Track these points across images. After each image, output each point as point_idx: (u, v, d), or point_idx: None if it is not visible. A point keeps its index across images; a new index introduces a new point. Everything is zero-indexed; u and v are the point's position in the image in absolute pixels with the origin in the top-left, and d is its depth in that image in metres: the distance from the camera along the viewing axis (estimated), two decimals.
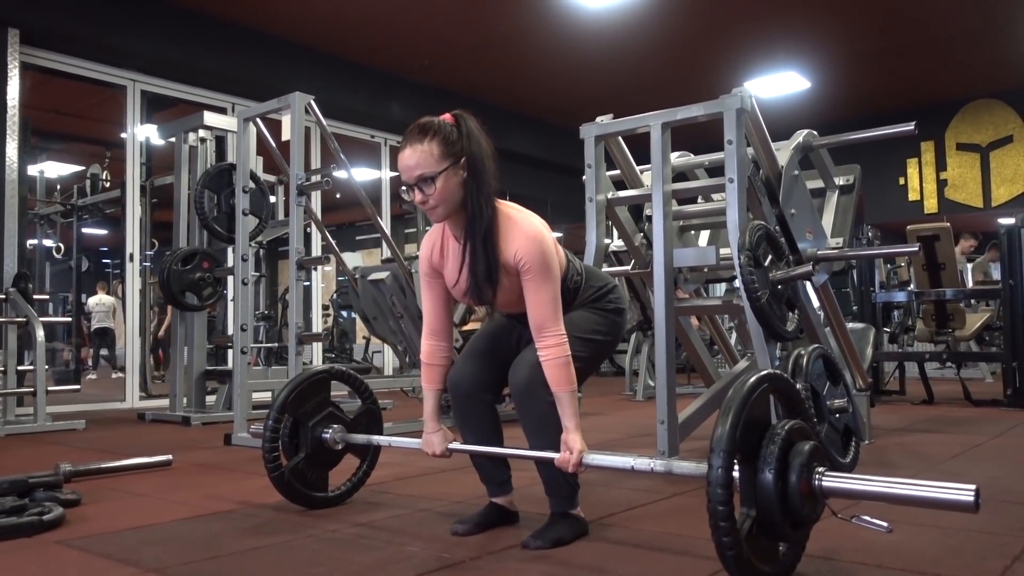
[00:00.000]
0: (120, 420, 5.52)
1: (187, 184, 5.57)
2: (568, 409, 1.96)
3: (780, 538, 1.58)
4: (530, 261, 1.96)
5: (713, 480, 1.47)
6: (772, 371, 1.66)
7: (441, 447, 2.19)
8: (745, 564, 1.49)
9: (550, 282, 1.98)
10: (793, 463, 1.54)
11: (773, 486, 1.51)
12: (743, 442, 1.51)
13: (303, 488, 2.47)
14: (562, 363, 1.96)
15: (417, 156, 1.95)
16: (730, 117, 2.88)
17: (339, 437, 2.50)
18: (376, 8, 6.60)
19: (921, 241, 5.54)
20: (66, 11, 5.96)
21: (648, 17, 6.86)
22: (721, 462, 1.47)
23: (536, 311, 1.98)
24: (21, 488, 2.54)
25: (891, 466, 3.14)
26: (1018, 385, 5.25)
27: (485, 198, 1.98)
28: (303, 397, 2.50)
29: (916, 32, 7.43)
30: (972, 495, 1.41)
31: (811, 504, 1.55)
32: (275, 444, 2.44)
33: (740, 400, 1.53)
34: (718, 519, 1.47)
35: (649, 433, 3.28)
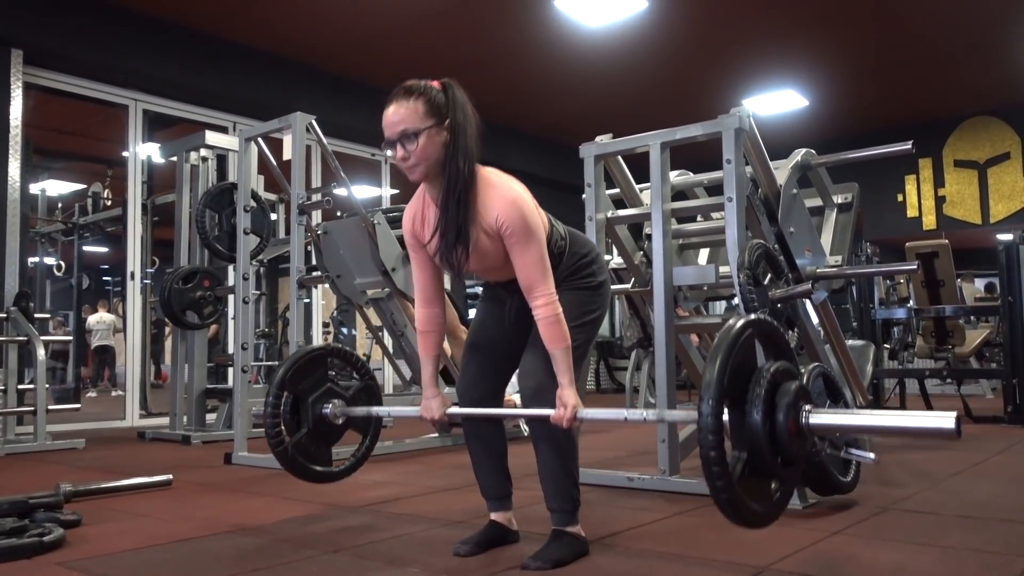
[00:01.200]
0: (120, 439, 5.51)
1: (188, 203, 5.59)
2: (562, 365, 1.98)
3: (771, 477, 1.60)
4: (512, 224, 1.98)
5: (703, 426, 1.50)
6: (756, 316, 1.69)
7: (440, 411, 2.21)
8: (739, 505, 1.52)
9: (534, 243, 2.00)
10: (780, 403, 1.58)
11: (762, 427, 1.55)
12: (731, 386, 1.53)
13: (307, 462, 2.47)
14: (553, 321, 1.98)
15: (401, 112, 1.97)
16: (729, 137, 2.90)
17: (339, 411, 2.50)
18: (377, 27, 6.65)
19: (920, 258, 5.56)
20: (69, 32, 6.01)
21: (647, 36, 6.91)
22: (710, 408, 1.50)
23: (524, 273, 2.00)
24: (21, 509, 2.54)
25: (892, 484, 3.13)
26: (1018, 402, 5.25)
27: (465, 161, 1.98)
28: (301, 374, 2.50)
29: (913, 50, 7.48)
30: (953, 422, 1.44)
31: (799, 441, 1.59)
32: (276, 419, 2.45)
33: (727, 346, 1.55)
34: (710, 463, 1.49)
35: (650, 451, 3.27)
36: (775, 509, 1.63)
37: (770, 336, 1.72)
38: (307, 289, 7.31)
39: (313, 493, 3.18)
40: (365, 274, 4.49)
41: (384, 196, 8.75)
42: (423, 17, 6.45)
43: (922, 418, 1.50)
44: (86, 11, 6.05)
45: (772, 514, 1.62)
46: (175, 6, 6.25)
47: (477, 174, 2.02)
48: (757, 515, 1.56)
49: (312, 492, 3.20)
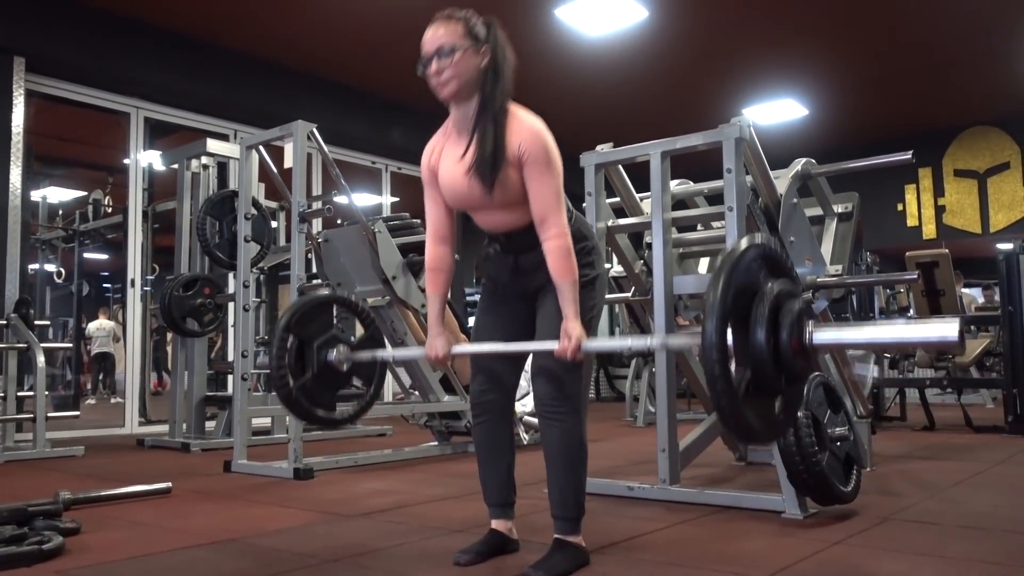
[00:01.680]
0: (119, 446, 5.50)
1: (189, 210, 5.59)
2: (569, 298, 1.99)
3: (776, 394, 1.61)
4: (533, 151, 2.01)
5: (708, 343, 1.50)
6: (757, 238, 1.69)
7: (444, 350, 2.21)
8: (743, 421, 1.52)
9: (552, 174, 2.03)
10: (783, 321, 1.58)
11: (765, 344, 1.55)
12: (734, 306, 1.54)
13: (311, 406, 2.47)
14: (564, 254, 1.99)
15: (440, 30, 2.06)
16: (729, 146, 2.91)
17: (344, 357, 2.50)
18: (378, 36, 6.66)
19: (920, 267, 5.56)
20: (71, 40, 6.03)
21: (647, 45, 6.93)
22: (714, 325, 1.50)
23: (538, 202, 2.01)
24: (20, 516, 2.53)
25: (893, 494, 3.13)
26: (1019, 411, 5.24)
27: (501, 89, 2.05)
28: (306, 319, 2.50)
29: (913, 60, 7.50)
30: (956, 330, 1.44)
31: (803, 358, 1.59)
32: (282, 363, 2.45)
33: (729, 266, 1.56)
34: (715, 379, 1.50)
35: (650, 460, 3.27)
36: (778, 428, 1.64)
37: (772, 258, 1.73)
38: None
39: (312, 501, 3.17)
40: (365, 282, 4.49)
41: (385, 204, 8.76)
42: (425, 26, 6.47)
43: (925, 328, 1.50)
44: (88, 19, 6.07)
45: (775, 432, 1.63)
46: (177, 15, 6.27)
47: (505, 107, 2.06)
48: (760, 432, 1.57)
49: (311, 500, 3.20)
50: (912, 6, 6.34)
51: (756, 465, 3.91)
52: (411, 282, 4.50)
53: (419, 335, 4.72)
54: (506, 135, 2.03)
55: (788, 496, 2.70)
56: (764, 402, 1.59)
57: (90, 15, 6.08)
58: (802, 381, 1.66)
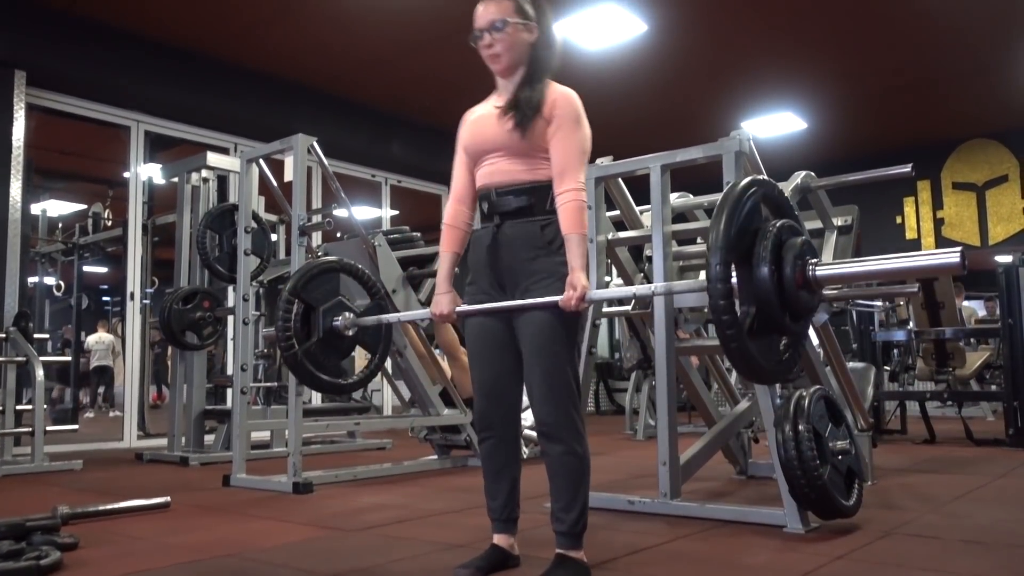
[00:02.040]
0: (118, 460, 5.48)
1: (189, 223, 5.60)
2: (576, 250, 2.02)
3: (781, 331, 1.60)
4: (565, 109, 2.11)
5: (712, 277, 1.50)
6: (757, 177, 1.69)
7: (449, 307, 2.24)
8: (749, 356, 1.51)
9: (579, 134, 2.11)
10: (786, 257, 1.58)
11: (769, 279, 1.55)
12: (738, 243, 1.53)
13: (315, 370, 2.46)
14: (575, 208, 2.03)
15: (492, 8, 2.17)
16: (729, 159, 2.92)
17: (350, 322, 2.50)
18: (378, 50, 6.69)
19: (920, 281, 5.56)
20: (72, 54, 6.05)
21: (647, 59, 6.96)
22: (718, 258, 1.50)
23: (560, 157, 2.08)
24: (18, 532, 2.52)
25: (895, 508, 3.11)
26: (1020, 424, 5.23)
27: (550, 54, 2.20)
28: (313, 284, 2.50)
29: (911, 73, 7.53)
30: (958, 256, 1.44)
31: (807, 293, 1.58)
32: (288, 326, 2.44)
33: (731, 202, 1.56)
34: (720, 313, 1.50)
35: (651, 474, 3.26)
36: (784, 367, 1.64)
37: (772, 198, 1.74)
38: None
39: (312, 516, 3.16)
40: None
41: (384, 217, 8.77)
42: (425, 41, 6.50)
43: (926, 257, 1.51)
44: (89, 33, 6.10)
45: (781, 371, 1.62)
46: (177, 28, 6.30)
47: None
48: (767, 370, 1.57)
49: (311, 515, 3.19)
50: (910, 20, 6.37)
51: (757, 479, 3.90)
52: (411, 295, 4.50)
53: (418, 347, 4.71)
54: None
55: (790, 510, 2.69)
56: (770, 340, 1.59)
57: (91, 29, 6.10)
58: (807, 317, 1.65)
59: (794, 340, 1.65)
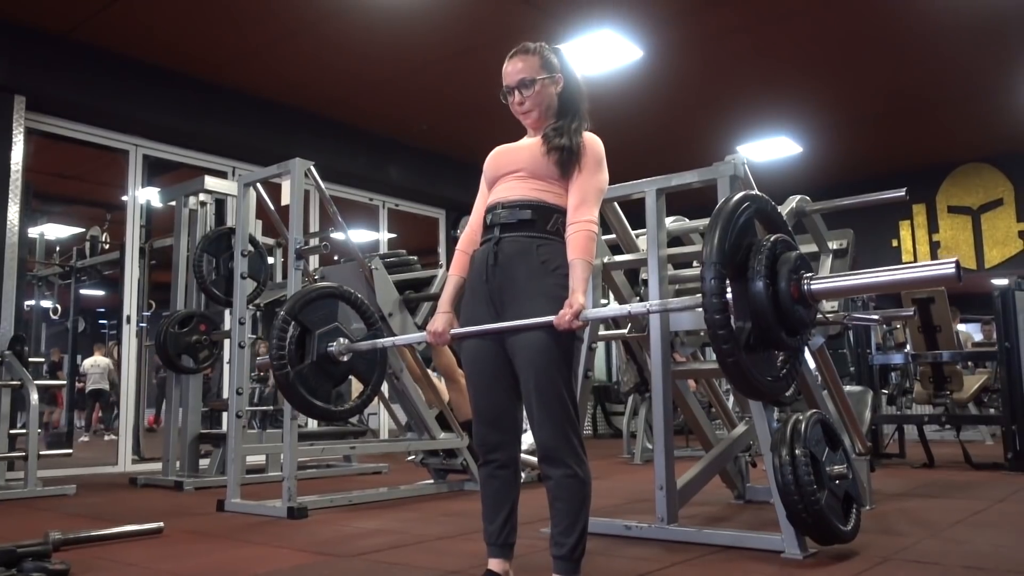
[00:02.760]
0: (112, 485, 5.44)
1: (186, 247, 5.60)
2: (579, 274, 2.06)
3: (777, 346, 1.58)
4: (590, 151, 2.20)
5: (707, 291, 1.49)
6: (751, 192, 1.69)
7: (444, 326, 2.25)
8: (746, 371, 1.50)
9: (598, 177, 2.19)
10: (781, 271, 1.57)
11: (765, 294, 1.54)
12: (732, 258, 1.52)
13: (306, 393, 2.44)
14: (586, 236, 2.08)
15: (519, 65, 2.27)
16: (724, 183, 2.93)
17: (345, 348, 2.48)
18: (376, 73, 6.74)
19: (917, 304, 5.57)
20: (71, 79, 6.08)
21: (642, 84, 7.01)
22: (712, 273, 1.49)
23: (579, 193, 2.15)
24: (9, 558, 2.50)
25: (893, 533, 3.09)
26: (1018, 448, 5.21)
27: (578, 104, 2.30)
28: (310, 308, 2.49)
29: (906, 98, 7.59)
30: (953, 267, 1.44)
31: (803, 307, 1.57)
32: (282, 347, 2.42)
33: (724, 217, 1.56)
34: (715, 328, 1.48)
35: (648, 498, 3.24)
36: (782, 383, 1.62)
37: (766, 212, 1.73)
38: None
39: (306, 542, 3.13)
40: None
41: (382, 240, 8.78)
42: (422, 64, 6.55)
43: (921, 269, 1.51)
44: (88, 58, 6.14)
45: (779, 387, 1.61)
46: (176, 53, 6.34)
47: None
48: (765, 386, 1.55)
49: (305, 540, 3.16)
50: (905, 45, 6.43)
51: (755, 503, 3.88)
52: (407, 319, 4.49)
53: (415, 370, 4.70)
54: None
55: (787, 535, 2.67)
56: (767, 355, 1.58)
57: (90, 54, 6.14)
58: (803, 332, 1.65)
59: (791, 355, 1.65)
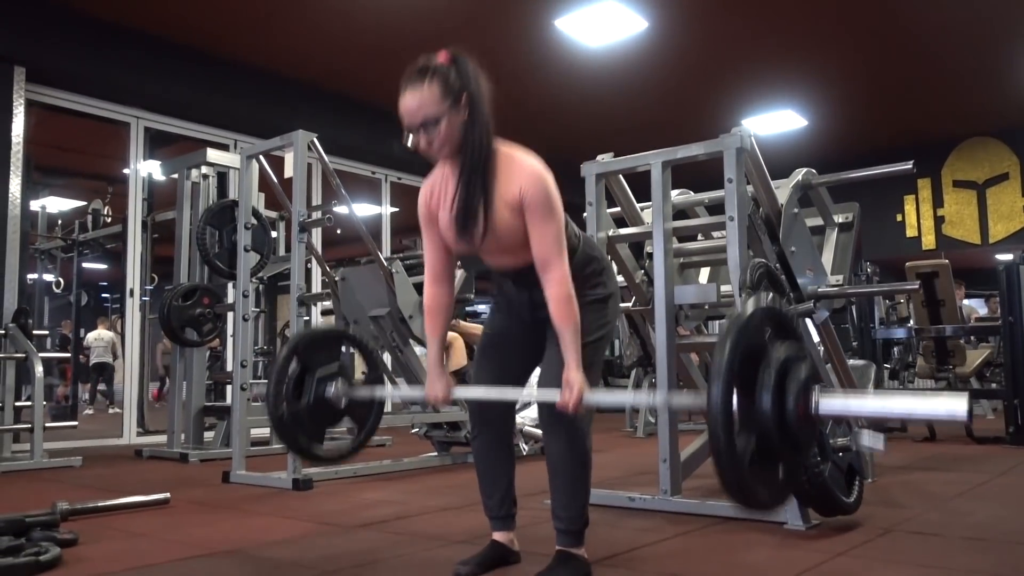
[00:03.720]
0: (117, 457, 5.48)
1: (189, 220, 5.59)
2: (571, 346, 1.95)
3: (780, 461, 1.58)
4: (534, 196, 1.96)
5: (713, 404, 1.47)
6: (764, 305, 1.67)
7: (444, 392, 2.17)
8: (747, 491, 1.49)
9: (555, 218, 1.98)
10: (789, 387, 1.54)
11: (771, 411, 1.52)
12: (741, 370, 1.51)
13: (299, 434, 2.44)
14: (565, 301, 1.95)
15: (419, 98, 1.94)
16: (730, 156, 2.91)
17: (343, 392, 2.48)
18: (379, 46, 6.68)
19: (920, 278, 5.56)
20: (71, 50, 6.04)
21: (647, 56, 6.94)
22: (720, 388, 1.47)
23: (540, 247, 1.97)
24: (18, 528, 2.52)
25: (896, 505, 3.11)
26: (1020, 422, 5.23)
27: (482, 133, 1.97)
28: (314, 347, 2.49)
29: (912, 71, 7.52)
30: (964, 406, 1.42)
31: (809, 427, 1.56)
32: (281, 384, 2.42)
33: (736, 329, 1.53)
34: (718, 443, 1.46)
35: (651, 471, 3.25)
36: (781, 495, 1.61)
37: (779, 320, 1.71)
38: (307, 307, 7.28)
39: (312, 512, 3.15)
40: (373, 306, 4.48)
41: (384, 214, 8.76)
42: (426, 36, 6.49)
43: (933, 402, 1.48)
44: (88, 29, 6.09)
45: (778, 500, 1.60)
46: (177, 25, 6.28)
47: (496, 147, 2.01)
48: (764, 501, 1.54)
49: (311, 511, 3.18)
50: (911, 18, 6.35)
51: None
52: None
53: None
54: (497, 181, 1.99)
55: (790, 507, 2.68)
56: (768, 469, 1.56)
57: (90, 25, 6.09)
58: (807, 449, 1.61)
59: (792, 470, 1.62)
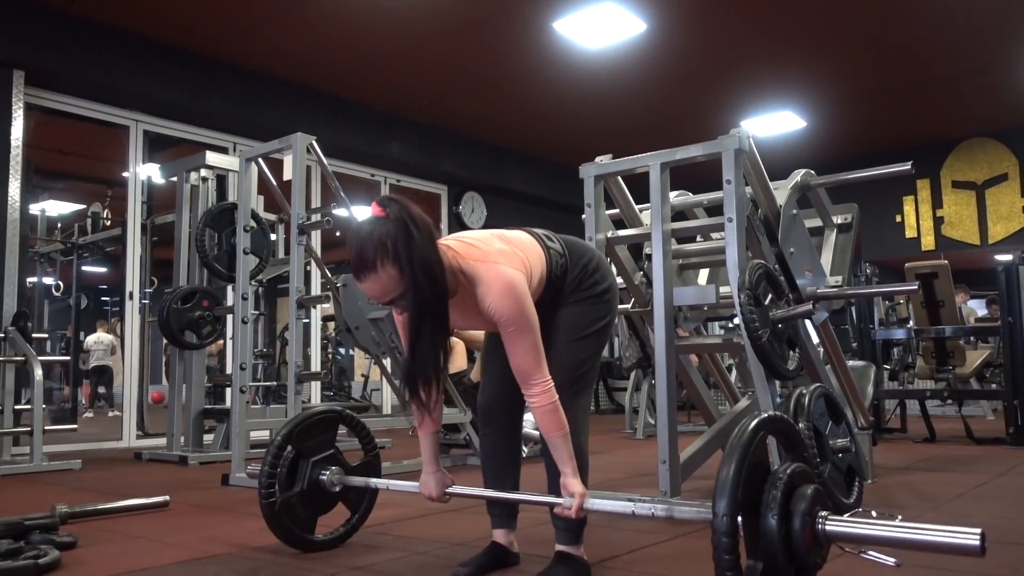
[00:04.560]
0: (117, 459, 5.47)
1: (188, 223, 5.59)
2: (563, 453, 1.95)
3: None
4: (505, 316, 1.92)
5: (718, 528, 1.46)
6: (771, 414, 1.65)
7: (438, 490, 2.19)
8: None
9: (528, 331, 1.93)
10: (796, 509, 1.52)
11: (777, 534, 1.49)
12: (746, 489, 1.49)
13: (291, 524, 2.44)
14: (550, 410, 1.93)
15: (379, 287, 1.86)
16: (728, 157, 2.91)
17: (337, 479, 2.48)
18: (377, 49, 6.68)
19: (920, 279, 5.56)
20: (71, 53, 6.04)
21: (646, 58, 6.95)
22: (724, 510, 1.46)
23: (517, 362, 1.95)
24: (17, 531, 2.51)
25: (896, 506, 3.11)
26: (1020, 423, 5.22)
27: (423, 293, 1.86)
28: (309, 432, 2.49)
29: (910, 72, 7.52)
30: (978, 539, 1.39)
31: (815, 550, 1.53)
32: (274, 472, 2.42)
33: (741, 448, 1.51)
34: (723, 568, 1.45)
35: (650, 472, 3.25)
36: None
37: (785, 433, 1.69)
38: (306, 309, 7.28)
39: None
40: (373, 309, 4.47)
41: None
42: (424, 39, 6.50)
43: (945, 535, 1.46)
44: (88, 33, 6.09)
45: None
46: (177, 28, 6.29)
47: (456, 272, 1.96)
48: None
49: None
50: (910, 20, 6.36)
51: None
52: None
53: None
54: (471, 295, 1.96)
55: None
56: None
57: (90, 28, 6.09)
58: (813, 572, 1.59)
59: None
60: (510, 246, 2.04)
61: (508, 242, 2.06)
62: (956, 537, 1.44)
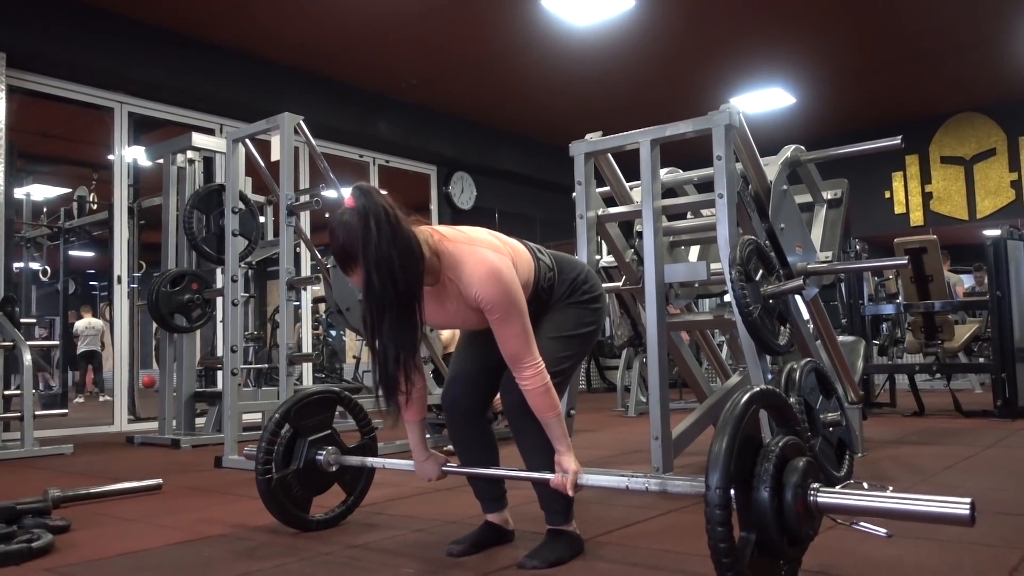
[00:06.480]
0: (109, 444, 5.46)
1: (175, 205, 5.55)
2: (556, 432, 1.97)
3: (778, 557, 1.57)
4: (492, 301, 1.90)
5: (711, 501, 1.47)
6: (763, 387, 1.66)
7: (436, 472, 2.22)
8: None
9: (516, 316, 1.92)
10: (788, 481, 1.53)
11: (769, 506, 1.51)
12: (738, 463, 1.50)
13: (286, 501, 2.44)
14: (542, 391, 1.94)
15: (355, 279, 1.88)
16: (719, 133, 2.90)
17: (333, 459, 2.48)
18: (364, 28, 6.62)
19: (909, 254, 5.57)
20: (53, 34, 5.96)
21: (635, 35, 6.91)
22: (717, 483, 1.47)
23: (508, 345, 1.94)
24: (9, 515, 2.51)
25: (886, 479, 3.14)
26: (1007, 396, 5.28)
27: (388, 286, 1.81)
28: (307, 412, 2.49)
29: (899, 48, 7.51)
30: (968, 508, 1.41)
31: (808, 521, 1.55)
32: (271, 449, 2.42)
33: (734, 421, 1.52)
34: (716, 540, 1.46)
35: (642, 449, 3.27)
36: None
37: (777, 407, 1.70)
38: (296, 291, 7.26)
39: None
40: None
41: None
42: (411, 17, 6.44)
43: (936, 504, 1.48)
44: (70, 13, 6.00)
45: None
46: (161, 9, 6.21)
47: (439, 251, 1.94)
48: None
49: None
50: None
51: None
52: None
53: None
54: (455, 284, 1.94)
55: None
56: (767, 564, 1.54)
57: (73, 9, 6.01)
58: (805, 543, 1.61)
59: (791, 564, 1.61)
60: (501, 242, 2.05)
61: (499, 239, 2.08)
62: (946, 507, 1.45)
